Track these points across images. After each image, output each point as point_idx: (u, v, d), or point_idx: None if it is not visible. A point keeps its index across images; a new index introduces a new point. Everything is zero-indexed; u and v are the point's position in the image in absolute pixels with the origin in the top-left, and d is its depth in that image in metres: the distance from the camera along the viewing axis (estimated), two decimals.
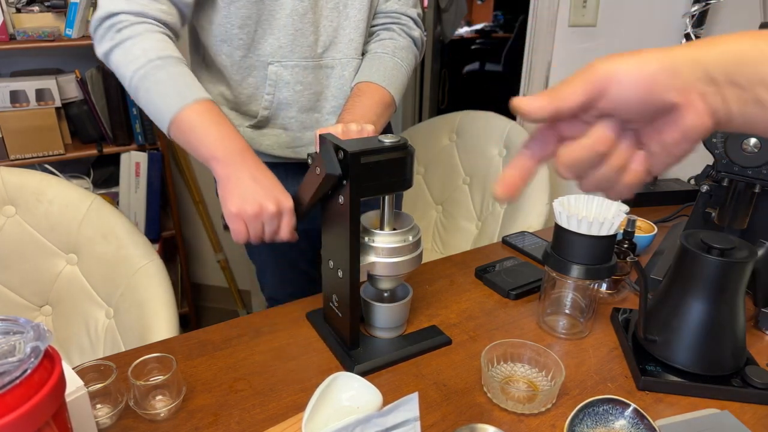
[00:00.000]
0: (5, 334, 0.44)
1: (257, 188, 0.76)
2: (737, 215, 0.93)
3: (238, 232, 0.76)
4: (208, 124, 0.79)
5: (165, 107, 0.79)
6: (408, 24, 1.05)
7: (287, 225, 0.78)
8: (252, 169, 0.78)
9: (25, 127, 1.66)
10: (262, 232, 0.77)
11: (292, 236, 0.80)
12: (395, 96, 0.97)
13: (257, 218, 0.75)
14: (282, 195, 0.77)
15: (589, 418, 0.63)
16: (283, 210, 0.77)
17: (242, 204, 0.75)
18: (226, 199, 0.77)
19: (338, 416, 0.64)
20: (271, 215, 0.75)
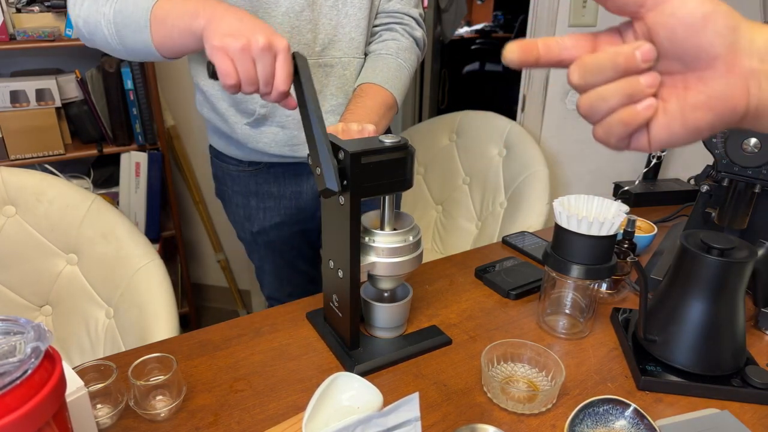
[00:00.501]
0: (5, 334, 0.44)
1: (244, 23, 0.68)
2: (737, 215, 0.93)
3: (225, 70, 0.66)
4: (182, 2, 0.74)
5: (140, 13, 0.76)
6: (410, 24, 1.05)
7: (284, 68, 0.68)
8: (238, 12, 0.70)
9: (25, 127, 1.66)
10: (255, 73, 0.67)
11: (288, 85, 0.69)
12: (397, 97, 0.97)
13: (245, 52, 0.66)
14: (274, 32, 0.68)
15: (589, 418, 0.63)
16: (277, 47, 0.67)
17: (226, 37, 0.66)
18: (207, 34, 0.68)
19: (338, 416, 0.64)
20: (261, 48, 0.66)
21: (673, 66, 0.36)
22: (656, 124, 0.37)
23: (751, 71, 0.34)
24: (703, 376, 0.71)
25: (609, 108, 0.37)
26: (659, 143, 0.38)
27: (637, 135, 0.38)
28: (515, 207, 1.62)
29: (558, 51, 0.39)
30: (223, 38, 0.67)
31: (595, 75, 0.37)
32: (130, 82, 1.77)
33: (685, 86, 0.36)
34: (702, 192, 0.97)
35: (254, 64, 0.67)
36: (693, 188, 1.38)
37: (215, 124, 1.05)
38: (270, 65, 0.68)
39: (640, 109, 0.36)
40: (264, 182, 1.10)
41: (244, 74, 0.67)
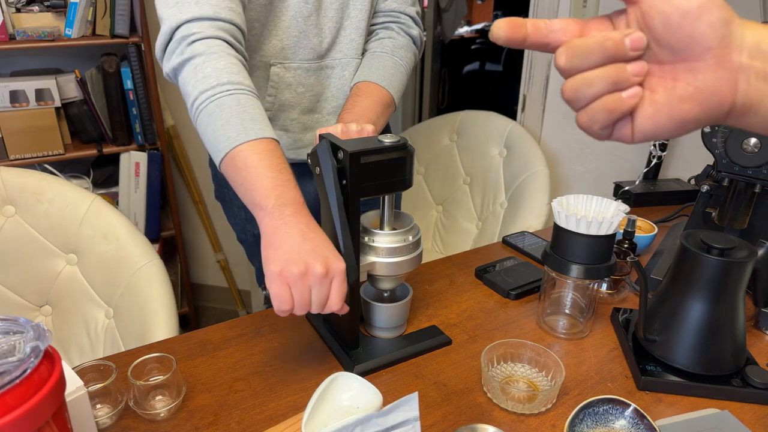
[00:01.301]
0: (5, 333, 0.44)
1: (305, 245, 0.65)
2: (737, 215, 0.93)
3: (280, 297, 0.63)
4: (265, 167, 0.68)
5: (224, 137, 0.70)
6: (407, 23, 1.05)
7: (338, 291, 0.66)
8: (302, 224, 0.67)
9: (25, 127, 1.66)
10: (309, 299, 0.65)
11: (342, 306, 0.68)
12: (395, 95, 0.97)
13: (303, 280, 0.63)
14: (333, 255, 0.66)
15: (589, 418, 0.63)
16: (334, 272, 0.65)
17: (287, 263, 0.63)
18: (268, 258, 0.65)
19: (338, 416, 0.64)
20: (320, 277, 0.64)
21: (663, 55, 0.36)
22: (641, 114, 0.37)
23: (740, 66, 0.34)
24: (703, 376, 0.71)
25: (594, 94, 0.37)
26: (643, 134, 0.37)
27: (620, 124, 0.38)
28: (515, 207, 1.62)
29: (546, 32, 0.39)
30: (284, 264, 0.64)
31: (582, 59, 0.37)
32: (130, 82, 1.77)
33: (674, 77, 0.36)
34: (702, 192, 0.97)
35: (310, 291, 0.65)
36: (693, 188, 1.38)
37: None
38: (326, 291, 0.66)
39: (624, 97, 0.36)
40: None
41: (299, 299, 0.65)
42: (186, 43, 0.74)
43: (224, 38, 0.76)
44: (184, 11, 0.74)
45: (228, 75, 0.73)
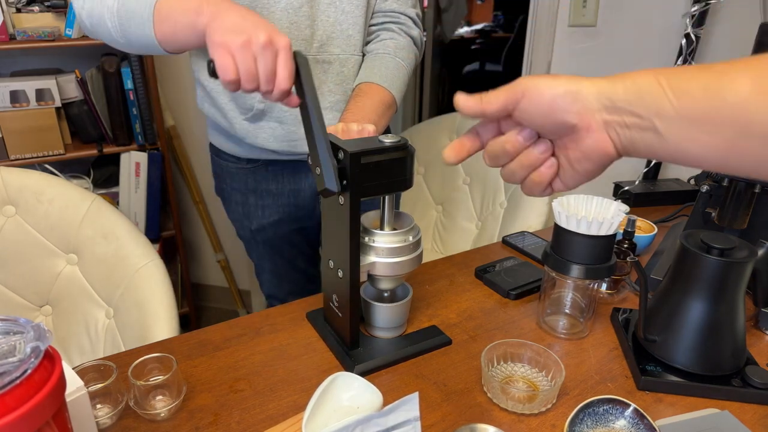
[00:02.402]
0: (5, 334, 0.44)
1: (246, 20, 0.67)
2: (737, 215, 0.93)
3: (225, 66, 0.66)
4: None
5: (143, 7, 0.76)
6: (407, 23, 1.06)
7: (285, 66, 0.67)
8: (241, 9, 0.70)
9: (25, 127, 1.66)
10: (255, 70, 0.67)
11: (289, 84, 0.68)
12: (396, 96, 0.97)
13: (246, 48, 0.65)
14: (275, 30, 0.68)
15: (589, 418, 0.63)
16: (278, 43, 0.66)
17: (227, 33, 0.66)
18: (210, 32, 0.68)
19: (338, 416, 0.64)
20: (263, 45, 0.65)
21: (550, 136, 0.46)
22: (561, 174, 0.47)
23: (605, 123, 0.42)
24: (703, 376, 0.71)
25: (520, 177, 0.48)
26: (570, 186, 0.48)
27: (553, 182, 0.48)
28: (515, 207, 1.62)
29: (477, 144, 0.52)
30: (225, 34, 0.67)
31: (498, 159, 0.49)
32: (130, 82, 1.77)
33: (565, 147, 0.46)
34: (702, 192, 0.97)
35: (255, 61, 0.67)
36: (693, 188, 1.38)
37: (215, 119, 1.05)
38: (271, 62, 0.67)
39: (543, 170, 0.47)
40: (263, 180, 1.11)
41: (244, 70, 0.66)
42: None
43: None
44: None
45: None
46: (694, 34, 1.49)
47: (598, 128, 0.42)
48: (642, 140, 0.41)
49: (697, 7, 1.47)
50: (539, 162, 0.46)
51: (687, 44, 1.52)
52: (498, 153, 0.48)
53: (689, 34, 1.50)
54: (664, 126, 0.39)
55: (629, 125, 0.41)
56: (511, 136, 0.47)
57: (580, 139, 0.43)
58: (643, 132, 0.40)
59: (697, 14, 1.47)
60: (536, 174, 0.47)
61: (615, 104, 0.41)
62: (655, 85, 0.39)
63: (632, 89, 0.40)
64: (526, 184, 0.49)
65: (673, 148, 0.40)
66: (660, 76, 0.39)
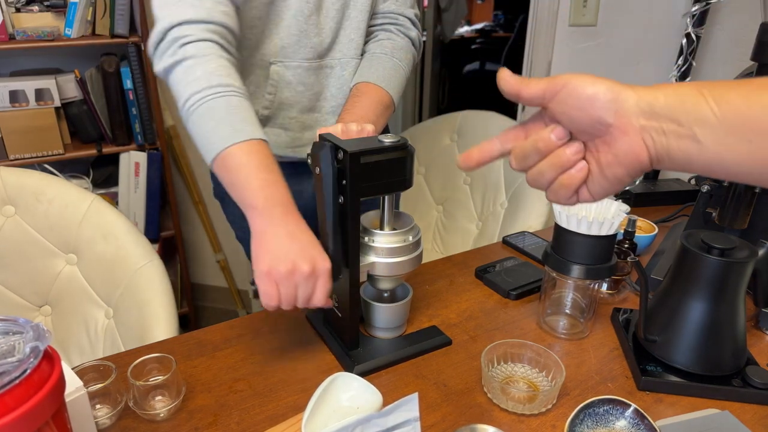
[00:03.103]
0: (5, 334, 0.44)
1: (293, 245, 0.68)
2: (737, 215, 0.93)
3: (268, 294, 0.68)
4: (255, 168, 0.71)
5: (215, 138, 0.72)
6: (405, 24, 1.05)
7: (322, 289, 0.69)
8: (291, 225, 0.70)
9: (25, 127, 1.66)
10: (295, 295, 0.69)
11: (327, 302, 0.71)
12: (394, 96, 0.97)
13: (290, 278, 0.67)
14: (319, 255, 0.69)
15: (589, 418, 0.63)
16: (319, 271, 0.69)
17: (275, 262, 0.67)
18: (258, 257, 0.70)
19: (338, 416, 0.64)
20: (306, 276, 0.67)
21: (583, 137, 0.45)
22: (589, 181, 0.46)
23: (641, 128, 0.41)
24: (703, 376, 0.71)
25: (548, 180, 0.46)
26: (598, 195, 0.46)
27: (580, 191, 0.46)
28: (516, 207, 1.62)
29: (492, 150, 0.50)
30: (272, 264, 0.67)
31: (527, 160, 0.47)
32: (130, 82, 1.77)
33: (597, 150, 0.44)
34: (702, 192, 0.97)
35: (296, 289, 0.69)
36: (693, 188, 1.37)
37: None
38: (311, 289, 0.69)
39: (574, 173, 0.45)
40: None
41: (285, 297, 0.69)
42: (178, 45, 0.75)
43: (216, 41, 0.77)
44: (178, 13, 0.75)
45: (218, 78, 0.74)
46: (695, 33, 1.49)
47: (633, 132, 0.42)
48: (679, 148, 0.40)
49: (697, 6, 1.46)
50: (570, 163, 0.45)
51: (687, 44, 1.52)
52: (528, 152, 0.46)
53: (689, 33, 1.50)
54: (703, 134, 0.39)
55: (667, 132, 0.40)
56: (544, 133, 0.45)
57: (613, 141, 0.43)
58: (681, 139, 0.40)
59: (698, 14, 1.47)
60: (566, 176, 0.46)
61: (654, 110, 0.41)
62: (697, 94, 0.39)
63: (673, 96, 0.40)
64: (553, 188, 0.47)
65: (711, 157, 0.39)
66: (702, 87, 0.40)
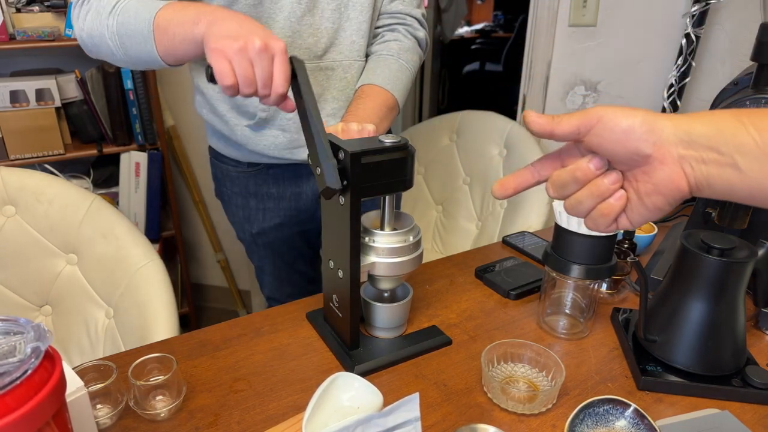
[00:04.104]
0: (5, 334, 0.44)
1: (242, 26, 0.68)
2: (737, 215, 0.93)
3: (222, 71, 0.67)
4: (183, 7, 0.76)
5: (142, 24, 0.77)
6: (413, 24, 1.05)
7: (281, 70, 0.68)
8: (238, 15, 0.71)
9: (25, 127, 1.66)
10: (252, 74, 0.68)
11: (286, 87, 0.69)
12: (399, 99, 0.97)
13: (242, 53, 0.66)
14: (271, 35, 0.69)
15: (589, 418, 0.63)
16: (273, 48, 0.67)
17: (224, 39, 0.67)
18: (207, 38, 0.69)
19: (338, 416, 0.64)
20: (259, 49, 0.66)
21: (621, 167, 0.45)
22: (628, 209, 0.46)
23: (680, 157, 0.41)
24: (703, 376, 0.71)
25: (587, 209, 0.47)
26: (637, 223, 0.46)
27: (619, 219, 0.47)
28: (515, 207, 1.62)
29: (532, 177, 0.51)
30: (221, 40, 0.67)
31: (564, 188, 0.47)
32: (130, 82, 1.77)
33: (636, 179, 0.45)
34: None
35: (252, 66, 0.68)
36: None
37: (215, 125, 1.05)
38: (268, 67, 0.68)
39: (613, 202, 0.45)
40: (263, 183, 1.10)
41: (241, 75, 0.68)
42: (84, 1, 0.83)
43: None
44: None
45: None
46: (694, 33, 1.49)
47: (672, 162, 0.41)
48: (720, 177, 0.40)
49: (697, 7, 1.47)
50: (609, 192, 0.45)
51: (687, 44, 1.52)
52: (566, 181, 0.47)
53: (689, 33, 1.50)
54: (745, 162, 0.39)
55: (707, 161, 0.40)
56: (582, 163, 0.46)
57: (652, 171, 0.43)
58: (722, 168, 0.40)
59: (697, 14, 1.47)
60: (605, 205, 0.46)
61: (693, 139, 0.40)
62: (736, 122, 0.39)
63: (710, 125, 0.40)
64: (591, 216, 0.47)
65: (754, 185, 0.39)
66: (740, 115, 0.40)
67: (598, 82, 1.78)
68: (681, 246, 0.73)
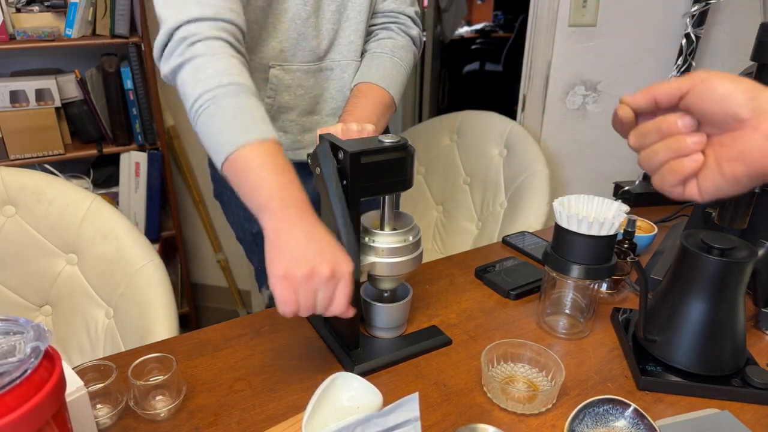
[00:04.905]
0: (5, 334, 0.44)
1: (311, 246, 0.63)
2: (737, 215, 0.93)
3: (285, 300, 0.62)
4: (268, 169, 0.66)
5: (226, 138, 0.68)
6: (406, 23, 1.05)
7: (343, 293, 0.64)
8: (308, 225, 0.65)
9: (25, 127, 1.66)
10: (314, 301, 0.63)
11: (347, 309, 0.66)
12: (395, 96, 0.97)
13: (309, 282, 0.62)
14: (340, 256, 0.64)
15: (589, 418, 0.63)
16: (340, 274, 0.63)
17: (292, 265, 0.61)
18: (272, 260, 0.63)
19: (338, 416, 0.64)
20: (326, 279, 0.62)
21: (710, 130, 0.45)
22: (702, 176, 0.45)
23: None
24: (703, 376, 0.71)
25: (660, 161, 0.47)
26: (707, 192, 0.46)
27: (689, 184, 0.46)
28: (515, 207, 1.62)
29: None
30: (289, 266, 0.62)
31: (646, 138, 0.48)
32: (130, 82, 1.77)
33: (721, 144, 0.44)
34: None
35: (315, 294, 0.63)
36: None
37: None
38: (331, 294, 0.64)
39: (687, 162, 0.45)
40: None
41: (304, 304, 0.63)
42: (186, 44, 0.73)
43: (225, 39, 0.75)
44: (184, 12, 0.73)
45: (230, 76, 0.71)
46: (694, 34, 1.49)
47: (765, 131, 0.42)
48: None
49: (697, 7, 1.47)
50: (687, 150, 0.45)
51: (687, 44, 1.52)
52: (650, 129, 0.47)
53: (689, 33, 1.50)
54: None
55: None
56: (671, 117, 0.46)
57: (742, 137, 0.43)
58: None
59: (697, 14, 1.47)
60: (677, 162, 0.46)
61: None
62: None
63: None
64: (662, 171, 0.47)
65: None
66: None
67: (598, 82, 1.78)
68: (681, 246, 0.73)
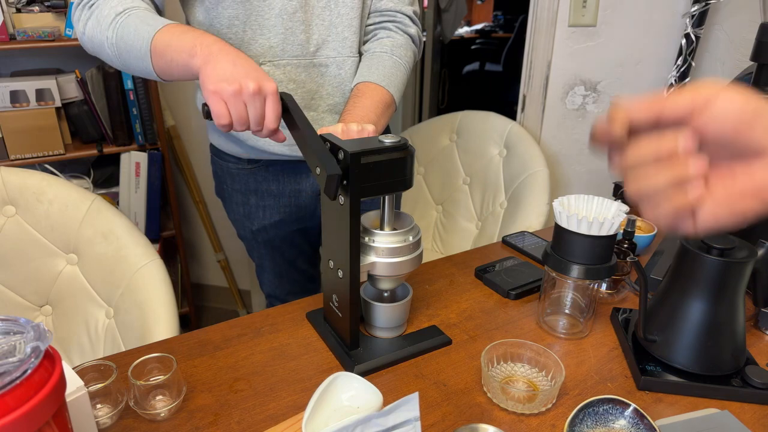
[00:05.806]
0: (5, 334, 0.44)
1: (237, 68, 0.73)
2: None
3: (218, 112, 0.73)
4: (180, 33, 0.78)
5: (141, 42, 0.79)
6: (404, 21, 1.05)
7: (272, 109, 0.74)
8: (232, 54, 0.75)
9: (25, 127, 1.66)
10: (246, 115, 0.74)
11: (279, 131, 0.77)
12: (395, 95, 0.97)
13: (237, 96, 0.72)
14: (264, 76, 0.74)
15: (589, 418, 0.63)
16: (266, 90, 0.73)
17: (220, 82, 0.72)
18: (204, 80, 0.74)
19: (338, 416, 0.64)
20: (252, 93, 0.72)
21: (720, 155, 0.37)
22: (703, 210, 0.38)
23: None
24: (703, 376, 0.71)
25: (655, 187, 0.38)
26: (705, 225, 0.38)
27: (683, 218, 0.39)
28: (515, 207, 1.62)
29: None
30: (217, 83, 0.72)
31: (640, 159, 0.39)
32: (130, 82, 1.77)
33: (732, 174, 0.37)
34: None
35: (246, 107, 0.73)
36: None
37: None
38: (260, 107, 0.74)
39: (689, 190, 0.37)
40: (263, 180, 1.11)
41: (236, 116, 0.73)
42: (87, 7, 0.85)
43: None
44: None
45: (122, 4, 0.82)
46: (694, 34, 1.49)
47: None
48: None
49: (697, 7, 1.47)
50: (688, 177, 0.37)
51: (687, 44, 1.52)
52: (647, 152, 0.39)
53: (689, 33, 1.50)
54: None
55: None
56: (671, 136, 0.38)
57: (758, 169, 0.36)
58: None
59: (697, 14, 1.47)
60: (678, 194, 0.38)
61: None
62: None
63: None
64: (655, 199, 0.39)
65: None
66: None
67: (598, 82, 1.78)
68: (681, 246, 0.73)
